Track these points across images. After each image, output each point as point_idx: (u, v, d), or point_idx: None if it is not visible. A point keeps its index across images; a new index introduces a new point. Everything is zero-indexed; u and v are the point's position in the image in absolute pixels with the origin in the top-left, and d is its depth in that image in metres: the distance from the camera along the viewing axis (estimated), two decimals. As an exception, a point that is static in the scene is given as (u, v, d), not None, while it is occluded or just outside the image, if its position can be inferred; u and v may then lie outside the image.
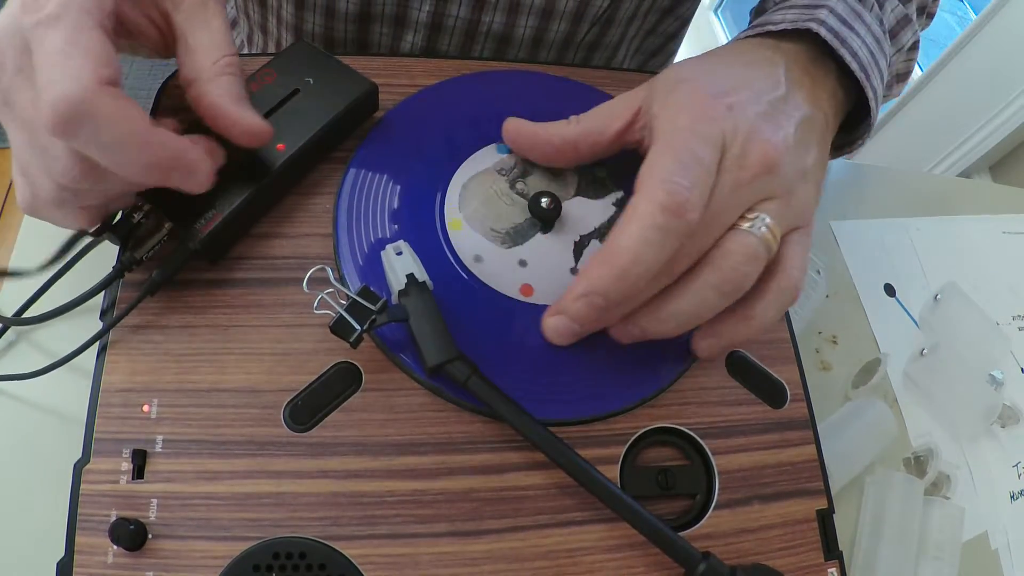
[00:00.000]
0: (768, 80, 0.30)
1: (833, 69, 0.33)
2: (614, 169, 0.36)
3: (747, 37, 0.34)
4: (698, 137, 0.28)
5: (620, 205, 0.35)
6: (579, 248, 0.33)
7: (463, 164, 0.34)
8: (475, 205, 0.33)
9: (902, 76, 0.42)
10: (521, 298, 0.32)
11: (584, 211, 0.34)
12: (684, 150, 0.27)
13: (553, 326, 0.30)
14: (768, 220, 0.28)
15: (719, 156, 0.28)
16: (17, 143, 0.26)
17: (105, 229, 0.29)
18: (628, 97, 0.32)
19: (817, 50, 0.32)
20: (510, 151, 0.35)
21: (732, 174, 0.28)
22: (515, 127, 0.33)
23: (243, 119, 0.28)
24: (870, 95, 0.33)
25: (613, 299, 0.27)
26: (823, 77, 0.32)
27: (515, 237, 0.33)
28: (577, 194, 0.35)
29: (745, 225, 0.28)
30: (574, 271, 0.33)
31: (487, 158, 0.35)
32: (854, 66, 0.32)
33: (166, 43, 0.30)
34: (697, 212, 0.26)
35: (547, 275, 0.32)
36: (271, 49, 0.52)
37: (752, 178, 0.28)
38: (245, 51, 0.56)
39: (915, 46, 0.40)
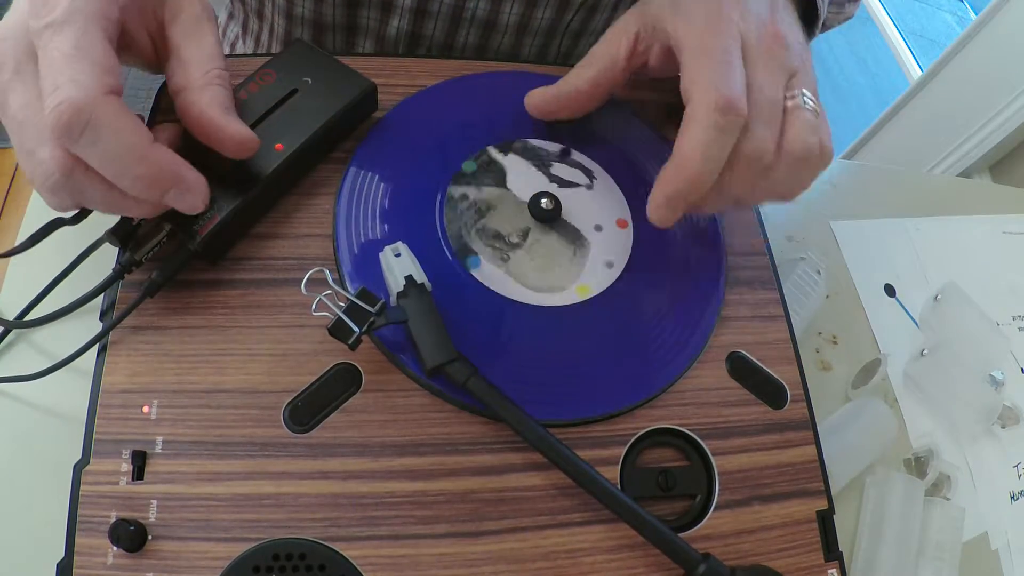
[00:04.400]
0: None
1: None
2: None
3: None
4: (722, 37, 0.30)
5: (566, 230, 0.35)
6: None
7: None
8: (544, 275, 0.33)
9: None
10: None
11: (543, 238, 0.34)
12: (715, 51, 0.29)
13: (653, 219, 0.31)
14: (807, 93, 0.31)
15: (743, 49, 0.30)
16: (12, 141, 0.26)
17: (84, 216, 0.30)
18: (621, 24, 0.34)
19: None
20: (479, 256, 0.33)
21: (763, 61, 0.30)
22: (539, 97, 0.36)
23: (230, 129, 0.28)
24: None
25: (691, 199, 0.30)
26: None
27: (578, 245, 0.34)
28: (538, 222, 0.34)
29: (791, 103, 0.30)
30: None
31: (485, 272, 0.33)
32: None
33: (158, 57, 0.31)
34: (744, 104, 0.28)
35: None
36: (265, 35, 0.53)
37: (776, 59, 0.31)
38: (240, 42, 0.56)
39: None
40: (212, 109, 0.28)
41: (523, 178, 0.35)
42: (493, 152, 0.36)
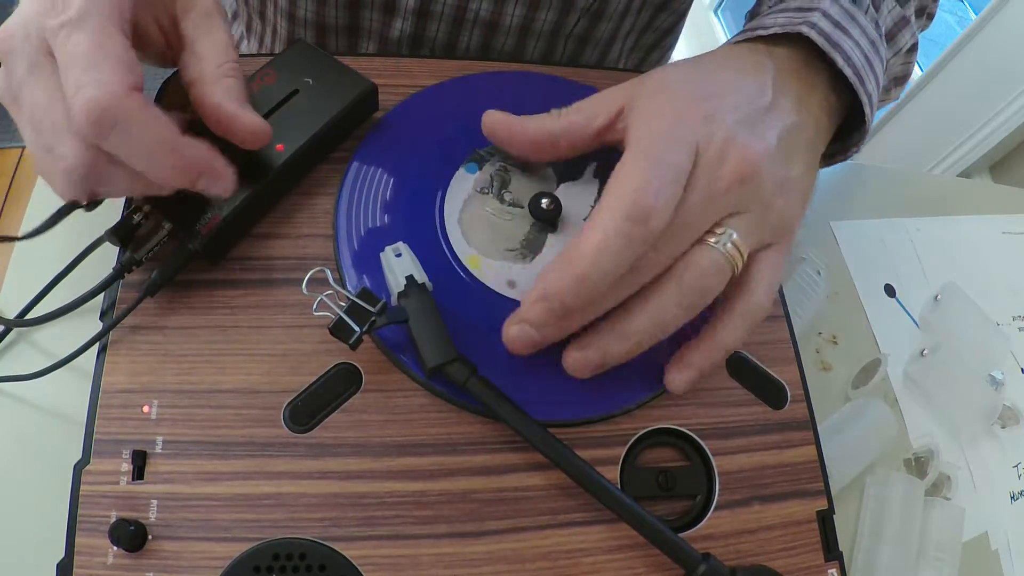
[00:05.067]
0: (755, 86, 0.30)
1: (825, 74, 0.32)
2: None
3: (738, 42, 0.33)
4: (671, 143, 0.27)
5: (599, 174, 0.35)
6: None
7: (446, 197, 0.34)
8: (480, 235, 0.33)
9: (900, 79, 0.41)
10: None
11: (573, 194, 0.35)
12: (655, 156, 0.27)
13: (515, 335, 0.28)
14: (735, 236, 0.27)
15: (692, 164, 0.27)
16: (26, 138, 0.27)
17: (100, 202, 0.30)
18: (612, 93, 0.31)
19: (809, 54, 0.32)
20: (480, 168, 0.34)
21: (705, 184, 0.27)
22: (493, 119, 0.32)
23: (245, 120, 0.29)
24: (864, 100, 0.32)
25: (571, 305, 0.26)
26: (815, 82, 0.32)
27: (532, 247, 0.33)
28: (560, 182, 0.35)
29: (711, 240, 0.27)
30: None
31: (463, 182, 0.34)
32: (847, 71, 0.31)
33: (170, 51, 0.31)
34: (662, 221, 0.26)
35: None
36: (268, 37, 0.53)
37: (725, 189, 0.27)
38: (244, 42, 0.56)
39: (913, 48, 0.39)
40: (227, 101, 0.29)
41: (580, 190, 0.35)
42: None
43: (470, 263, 0.32)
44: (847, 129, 0.35)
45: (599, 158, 0.35)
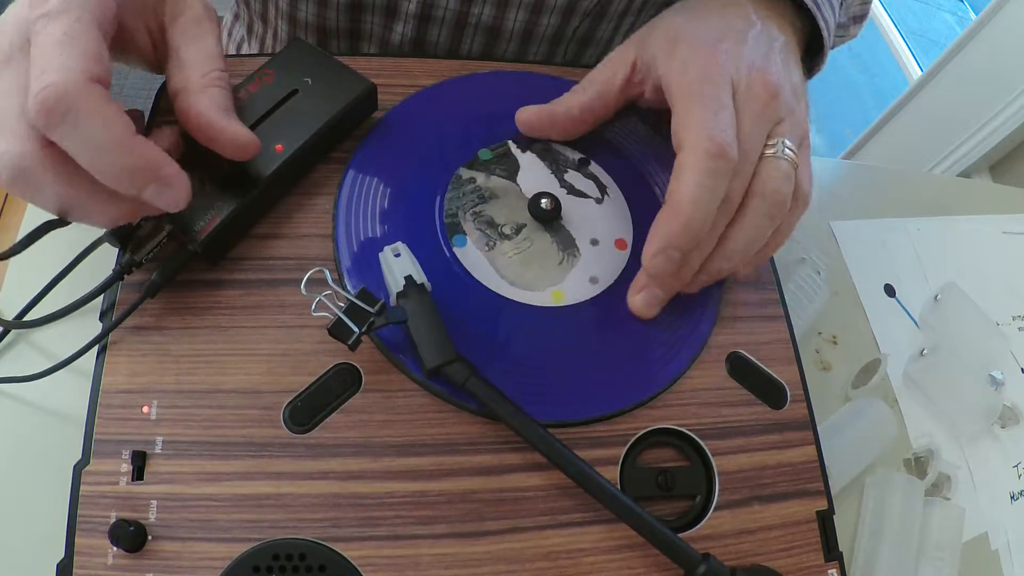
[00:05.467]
0: (743, 20, 0.34)
1: (788, 5, 0.36)
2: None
3: None
4: (713, 84, 0.30)
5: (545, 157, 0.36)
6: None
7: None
8: (532, 274, 0.33)
9: (858, 18, 0.47)
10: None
11: (531, 177, 0.36)
12: (707, 98, 0.30)
13: (643, 301, 0.32)
14: (787, 142, 0.31)
15: (732, 96, 0.31)
16: None
17: (63, 223, 0.28)
18: (620, 53, 0.35)
19: None
20: (465, 234, 0.33)
21: (748, 108, 0.31)
22: (530, 114, 0.36)
23: (229, 131, 0.28)
24: (821, 24, 0.36)
25: (686, 248, 0.29)
26: (782, 11, 0.36)
27: (568, 245, 0.34)
28: (512, 179, 0.35)
29: (770, 152, 0.31)
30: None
31: (471, 257, 0.33)
32: (807, 1, 0.35)
33: (158, 56, 0.31)
34: (735, 149, 0.29)
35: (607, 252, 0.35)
36: (269, 39, 0.53)
37: (764, 107, 0.31)
38: (246, 43, 0.56)
39: None
40: (211, 111, 0.28)
41: (535, 177, 0.36)
42: (513, 147, 0.36)
43: (555, 299, 0.32)
44: (808, 54, 0.39)
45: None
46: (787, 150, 0.31)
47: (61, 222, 0.29)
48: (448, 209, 0.34)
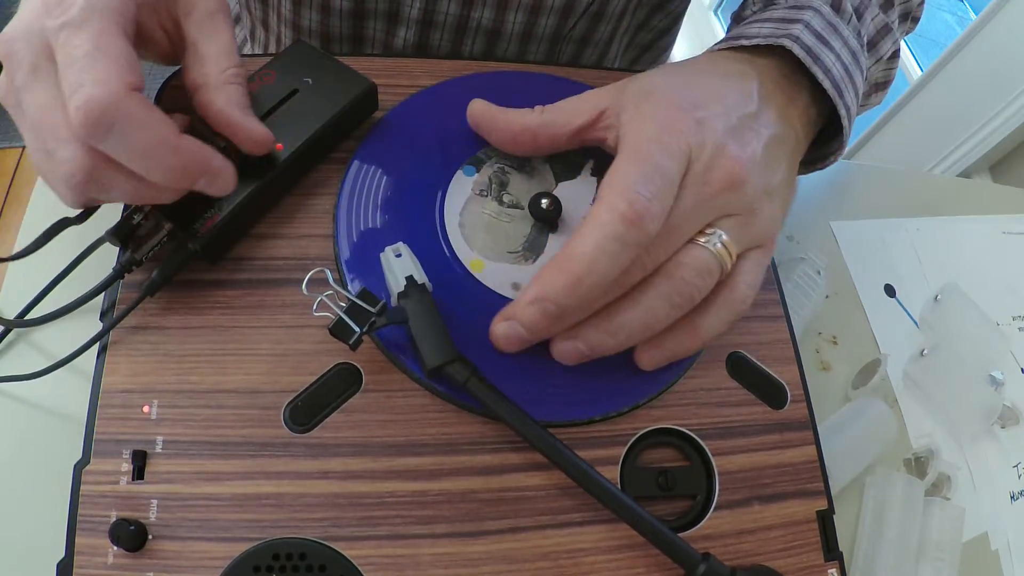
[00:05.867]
0: (740, 95, 0.30)
1: (806, 85, 0.33)
2: None
3: (721, 50, 0.34)
4: (664, 149, 0.28)
5: (596, 172, 0.36)
6: None
7: (445, 199, 0.34)
8: (481, 238, 0.33)
9: (882, 85, 0.42)
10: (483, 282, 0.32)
11: (572, 193, 0.35)
12: (649, 161, 0.27)
13: (503, 333, 0.29)
14: (724, 236, 0.28)
15: (684, 170, 0.28)
16: (27, 141, 0.26)
17: (89, 214, 0.30)
18: (595, 95, 0.32)
19: (791, 66, 0.32)
20: (478, 170, 0.34)
21: (695, 189, 0.28)
22: (477, 109, 0.34)
23: (250, 128, 0.29)
24: (842, 112, 0.33)
25: (565, 306, 0.27)
26: (796, 93, 0.33)
27: (533, 249, 0.33)
28: (558, 181, 0.35)
29: (702, 240, 0.28)
30: None
31: (461, 185, 0.34)
32: (826, 84, 0.32)
33: (173, 51, 0.31)
34: (657, 224, 0.26)
35: None
36: (272, 45, 0.53)
37: (715, 194, 0.28)
38: (248, 47, 0.56)
39: (895, 55, 0.40)
40: (230, 108, 0.29)
41: (576, 190, 0.35)
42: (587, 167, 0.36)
43: (473, 267, 0.32)
44: (825, 137, 0.36)
45: (595, 155, 0.36)
46: (718, 244, 0.28)
47: (74, 219, 0.30)
48: (487, 150, 0.34)
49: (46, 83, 0.25)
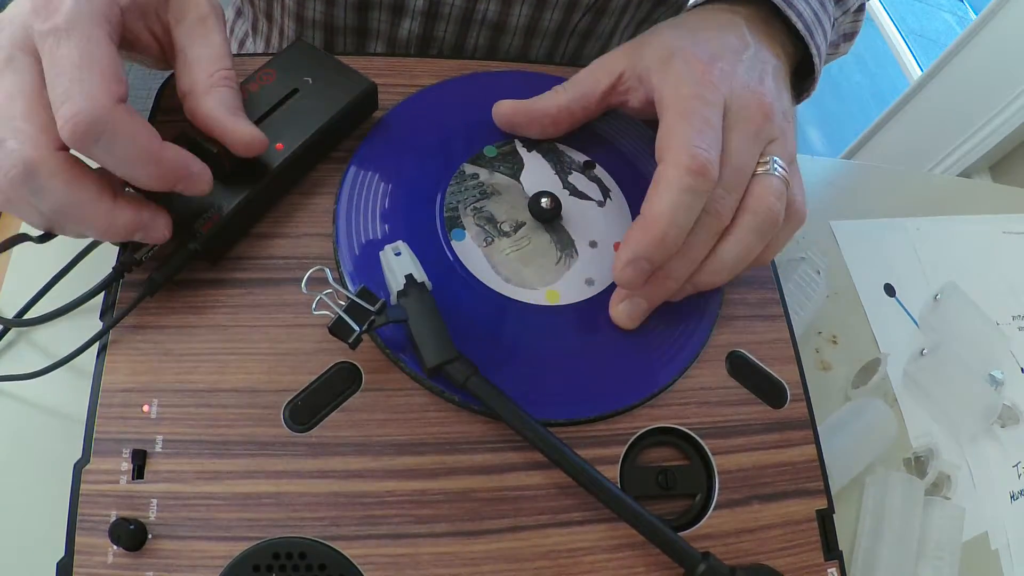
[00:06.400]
0: (739, 41, 0.34)
1: (780, 28, 0.37)
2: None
3: (705, 3, 0.38)
4: (704, 102, 0.30)
5: (527, 145, 0.37)
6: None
7: (461, 255, 0.33)
8: (529, 272, 0.33)
9: (849, 35, 0.47)
10: (515, 297, 0.32)
11: (535, 177, 0.36)
12: (696, 116, 0.30)
13: (626, 310, 0.32)
14: (779, 160, 0.32)
15: (723, 116, 0.31)
16: None
17: (50, 236, 0.29)
18: (609, 61, 0.35)
19: (766, 12, 0.37)
20: (464, 228, 0.33)
21: (741, 128, 0.31)
22: (506, 108, 0.36)
23: (238, 131, 0.29)
24: (814, 51, 0.37)
25: (657, 261, 0.29)
26: (775, 33, 0.37)
27: (567, 245, 0.34)
28: (518, 177, 0.35)
29: (762, 170, 0.31)
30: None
31: (468, 252, 0.33)
32: (799, 25, 0.35)
33: (165, 56, 0.31)
34: (717, 170, 0.29)
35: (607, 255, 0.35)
36: (275, 37, 0.53)
37: (757, 128, 0.31)
38: (250, 40, 0.56)
39: (861, 8, 0.46)
40: (218, 112, 0.28)
41: (539, 177, 0.36)
42: (519, 145, 0.36)
43: (550, 298, 0.32)
44: (799, 77, 0.40)
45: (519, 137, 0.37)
46: (779, 168, 0.31)
47: (34, 237, 0.29)
48: (448, 203, 0.34)
49: (17, 75, 0.25)
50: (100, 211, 0.26)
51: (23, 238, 0.30)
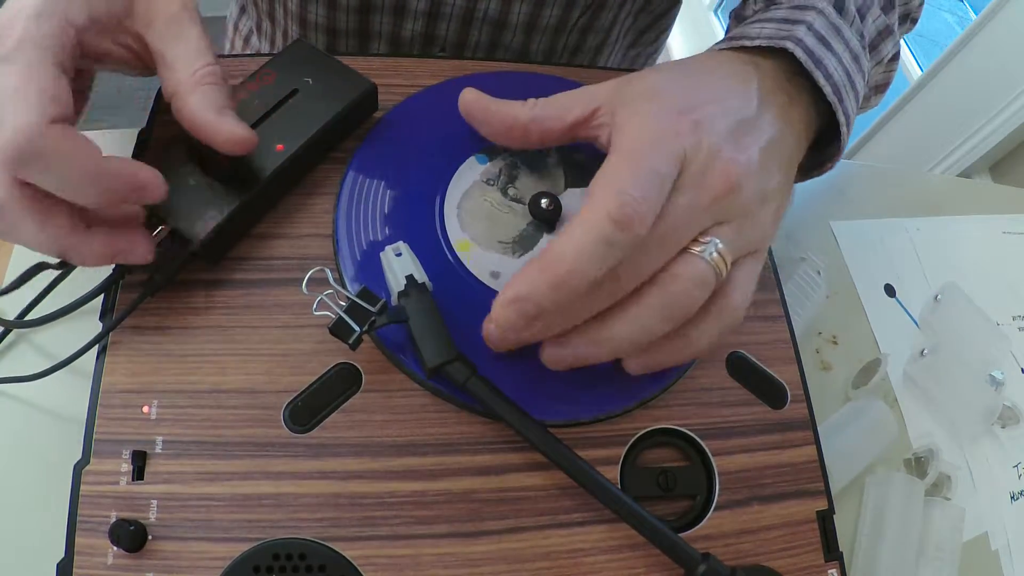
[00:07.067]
0: (740, 97, 0.30)
1: (808, 87, 0.32)
2: (592, 151, 0.35)
3: (722, 49, 0.33)
4: (658, 151, 0.27)
5: None
6: None
7: (450, 182, 0.34)
8: (477, 224, 0.33)
9: (881, 87, 0.42)
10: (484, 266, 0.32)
11: (578, 201, 0.34)
12: (642, 162, 0.26)
13: (488, 333, 0.28)
14: (720, 245, 0.27)
15: (678, 173, 0.27)
16: None
17: (65, 265, 0.29)
18: (589, 92, 0.31)
19: (793, 67, 0.32)
20: (490, 159, 0.34)
21: (690, 193, 0.27)
22: (469, 98, 0.32)
23: (224, 128, 0.28)
24: (841, 119, 0.32)
25: (545, 308, 0.25)
26: (796, 96, 0.32)
27: (524, 244, 0.33)
28: (568, 186, 0.35)
29: (696, 249, 0.27)
30: None
31: (471, 171, 0.34)
32: (827, 89, 0.31)
33: (144, 64, 0.30)
34: (645, 227, 0.25)
35: None
36: (278, 38, 0.53)
37: (711, 200, 0.27)
38: (254, 39, 0.57)
39: (895, 57, 0.40)
40: (203, 111, 0.28)
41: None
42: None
43: (459, 247, 0.32)
44: (823, 142, 0.35)
45: None
46: (715, 253, 0.27)
47: (53, 264, 0.29)
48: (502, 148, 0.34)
49: None
50: (74, 243, 0.26)
51: (43, 267, 0.30)
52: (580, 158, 0.35)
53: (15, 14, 0.25)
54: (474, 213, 0.33)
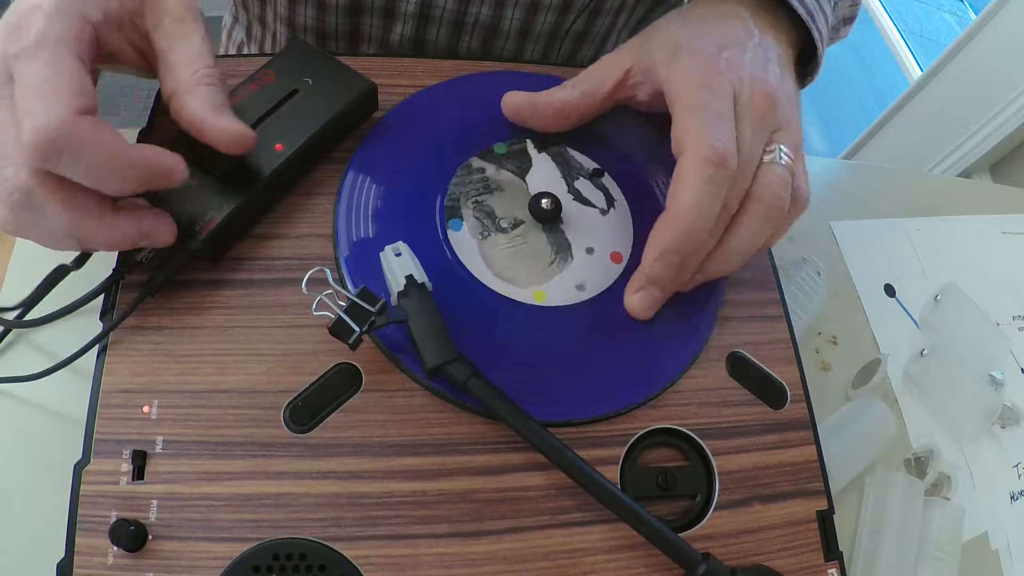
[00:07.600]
0: (743, 30, 0.34)
1: (783, 15, 0.37)
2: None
3: None
4: (714, 94, 0.31)
5: (538, 145, 0.37)
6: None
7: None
8: (518, 270, 0.33)
9: (848, 19, 0.47)
10: (524, 300, 0.32)
11: (542, 177, 0.36)
12: (708, 108, 0.30)
13: (640, 301, 0.32)
14: (785, 148, 0.32)
15: (733, 105, 0.31)
16: None
17: (83, 262, 0.30)
18: (616, 57, 0.35)
19: (768, 1, 0.37)
20: (461, 219, 0.34)
21: (748, 117, 0.31)
22: (515, 100, 0.36)
23: (222, 126, 0.28)
24: (816, 35, 0.37)
25: (685, 253, 0.30)
26: (777, 21, 0.37)
27: (562, 249, 0.34)
28: (524, 176, 0.36)
29: (768, 158, 0.32)
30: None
31: (462, 242, 0.33)
32: (801, 11, 0.36)
33: (148, 64, 0.31)
34: (735, 158, 0.30)
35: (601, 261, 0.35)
36: (268, 43, 0.53)
37: (763, 116, 0.32)
38: (245, 46, 0.56)
39: None
40: (202, 110, 0.28)
41: (545, 179, 0.36)
42: (530, 145, 0.37)
43: (536, 298, 0.32)
44: (801, 62, 0.39)
45: (529, 134, 0.37)
46: (784, 156, 0.32)
47: (71, 265, 0.30)
48: (451, 193, 0.34)
49: (5, 103, 0.25)
50: (102, 226, 0.26)
51: (64, 270, 0.30)
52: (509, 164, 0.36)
53: (31, 9, 0.25)
54: (508, 265, 0.33)
